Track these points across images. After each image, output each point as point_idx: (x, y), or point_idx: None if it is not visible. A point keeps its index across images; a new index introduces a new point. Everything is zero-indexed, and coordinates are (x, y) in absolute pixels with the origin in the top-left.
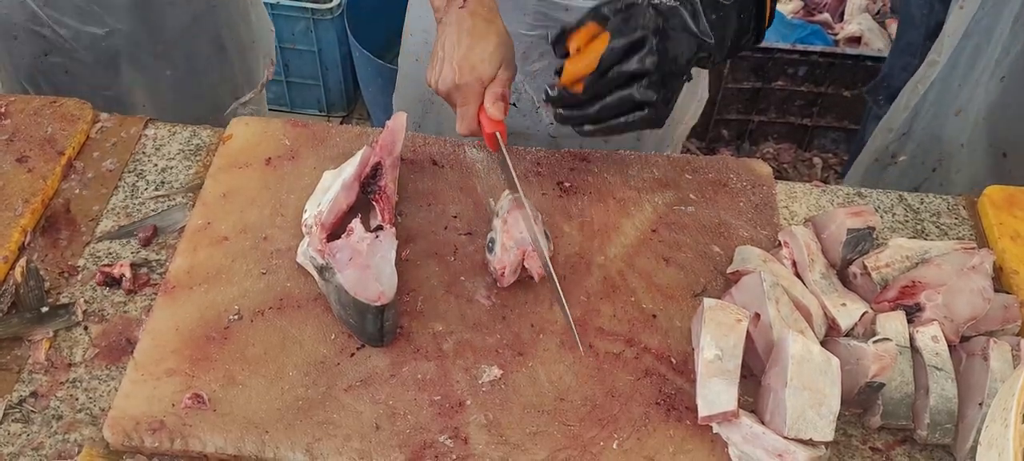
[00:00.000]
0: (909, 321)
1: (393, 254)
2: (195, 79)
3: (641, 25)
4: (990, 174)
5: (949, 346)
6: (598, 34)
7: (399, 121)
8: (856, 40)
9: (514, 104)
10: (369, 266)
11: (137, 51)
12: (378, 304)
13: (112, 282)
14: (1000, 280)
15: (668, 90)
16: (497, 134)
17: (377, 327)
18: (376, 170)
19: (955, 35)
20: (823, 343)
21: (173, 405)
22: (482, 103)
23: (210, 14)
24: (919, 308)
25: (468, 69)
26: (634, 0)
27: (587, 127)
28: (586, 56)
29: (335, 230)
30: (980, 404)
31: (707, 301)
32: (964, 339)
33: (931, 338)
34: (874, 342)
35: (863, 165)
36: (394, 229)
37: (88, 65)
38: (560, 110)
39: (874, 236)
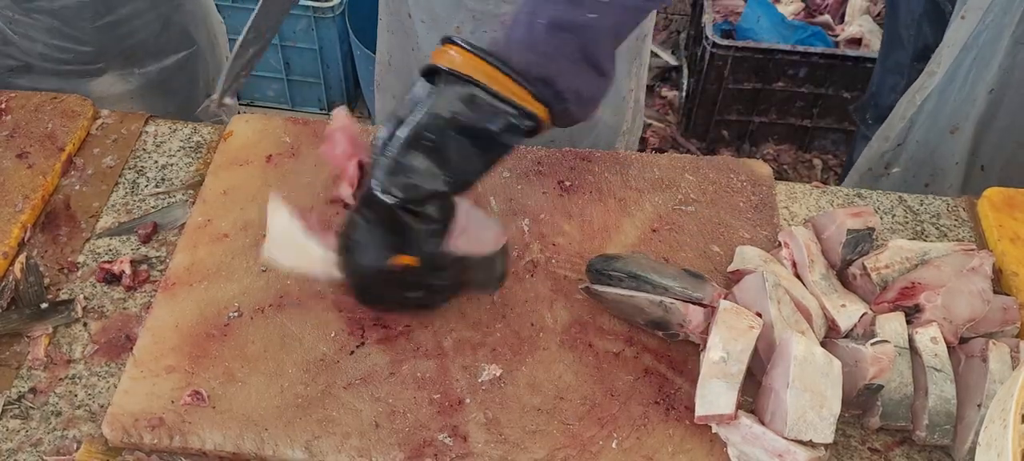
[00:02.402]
0: (908, 322)
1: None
2: (165, 80)
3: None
4: (968, 187)
5: (948, 347)
6: None
7: (339, 119)
8: (857, 42)
9: None
10: (467, 227)
11: (108, 63)
12: (500, 245)
13: (112, 279)
14: (999, 282)
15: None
16: None
17: (503, 265)
18: (362, 168)
19: (954, 47)
20: (822, 344)
21: (172, 402)
22: None
23: (178, 14)
24: (918, 309)
25: None
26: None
27: None
28: None
29: None
30: (979, 406)
31: (723, 303)
32: (963, 340)
33: (930, 339)
34: (872, 344)
35: (858, 173)
36: None
37: (58, 77)
38: None
39: (874, 237)
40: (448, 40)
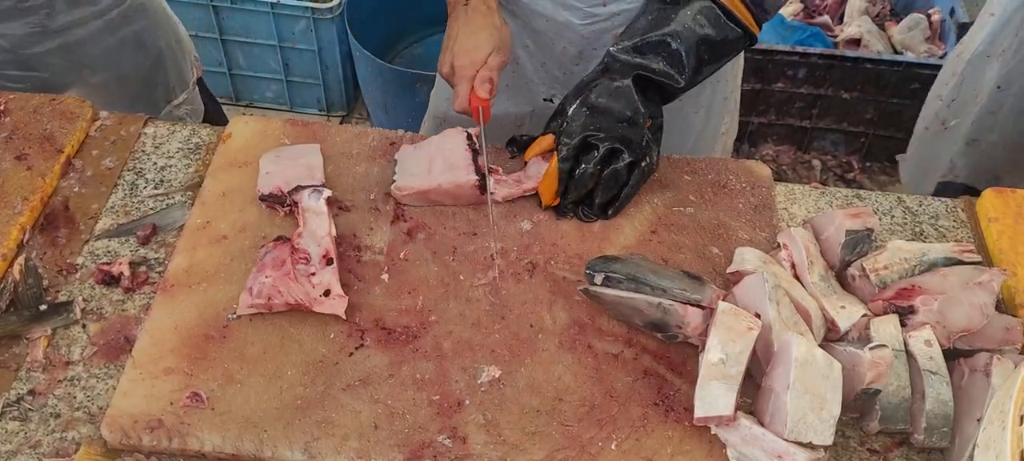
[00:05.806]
0: (902, 324)
1: None
2: (123, 90)
3: (573, 131)
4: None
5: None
6: (549, 147)
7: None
8: (855, 42)
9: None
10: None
11: (66, 86)
12: None
13: (111, 280)
14: (1003, 299)
15: (635, 143)
16: (480, 109)
17: None
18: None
19: None
20: (820, 346)
21: (171, 404)
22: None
23: (124, 22)
24: (912, 310)
25: (463, 54)
26: (562, 107)
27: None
28: (548, 179)
29: None
30: (978, 420)
31: (721, 304)
32: (965, 354)
33: (924, 342)
34: (870, 349)
35: (917, 136)
36: None
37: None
38: (577, 212)
39: (873, 238)
40: None
